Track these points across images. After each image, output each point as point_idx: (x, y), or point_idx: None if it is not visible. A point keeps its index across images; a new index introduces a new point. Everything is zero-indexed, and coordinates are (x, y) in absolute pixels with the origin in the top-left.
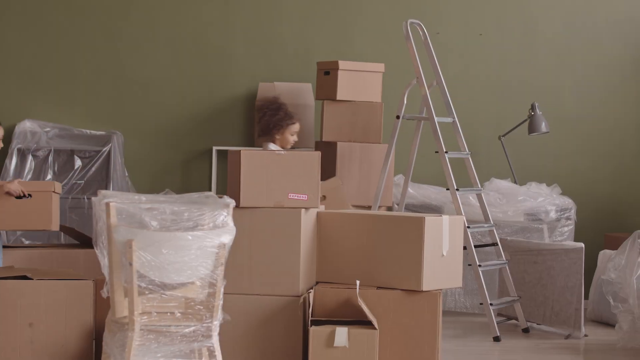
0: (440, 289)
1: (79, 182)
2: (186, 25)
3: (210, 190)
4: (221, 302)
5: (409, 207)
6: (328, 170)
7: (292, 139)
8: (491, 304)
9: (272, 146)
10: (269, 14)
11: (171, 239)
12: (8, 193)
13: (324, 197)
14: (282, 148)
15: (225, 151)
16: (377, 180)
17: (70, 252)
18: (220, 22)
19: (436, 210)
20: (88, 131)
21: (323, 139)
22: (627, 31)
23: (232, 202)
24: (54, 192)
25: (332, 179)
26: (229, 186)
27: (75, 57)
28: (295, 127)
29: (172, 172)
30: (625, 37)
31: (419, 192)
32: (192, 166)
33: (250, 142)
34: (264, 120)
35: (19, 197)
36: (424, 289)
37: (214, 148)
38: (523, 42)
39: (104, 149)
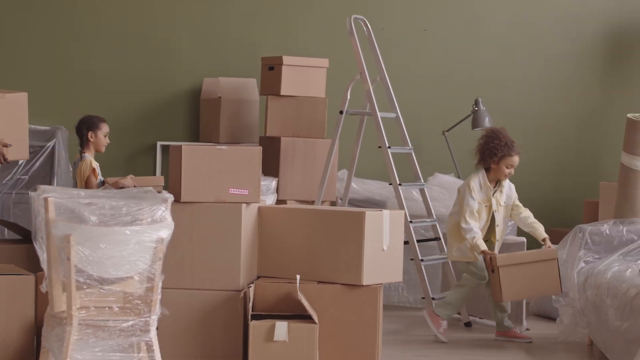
0: (381, 283)
1: (23, 177)
2: (131, 19)
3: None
4: (159, 297)
5: (352, 202)
6: (272, 165)
7: (508, 171)
8: (433, 299)
9: (480, 174)
10: (214, 9)
11: (109, 233)
12: (122, 188)
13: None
14: (496, 180)
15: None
16: (320, 175)
17: (13, 247)
18: (164, 16)
19: (380, 205)
20: (32, 126)
21: (267, 134)
22: (571, 28)
23: (171, 197)
24: (164, 187)
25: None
26: (170, 181)
27: (18, 50)
28: (513, 160)
29: (117, 167)
30: (568, 34)
31: (362, 187)
32: (136, 161)
33: (195, 138)
34: (479, 145)
35: None
36: (364, 283)
37: (158, 143)
38: (467, 38)
39: (48, 144)
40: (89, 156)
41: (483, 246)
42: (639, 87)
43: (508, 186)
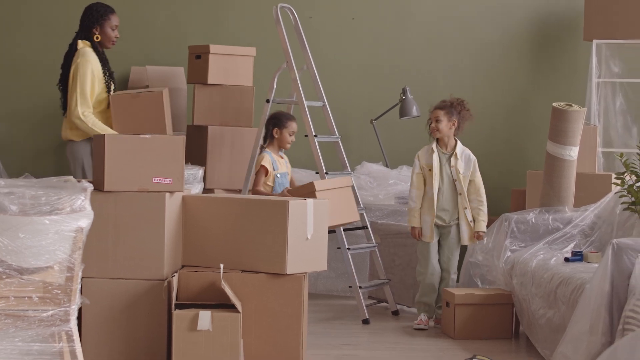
0: (305, 272)
1: None
2: (58, 7)
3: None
4: (79, 286)
5: None
6: (199, 154)
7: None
8: (360, 287)
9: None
10: None
11: (28, 223)
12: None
13: None
14: (449, 144)
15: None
16: (247, 164)
17: None
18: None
19: None
20: None
21: (194, 123)
22: (498, 16)
23: (90, 187)
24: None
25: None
26: (94, 170)
27: None
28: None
29: (45, 156)
30: (496, 22)
31: None
32: (64, 151)
33: None
34: None
35: None
36: (288, 272)
37: None
38: (395, 27)
39: None
40: (268, 152)
41: (414, 223)
42: (565, 75)
43: (464, 155)
